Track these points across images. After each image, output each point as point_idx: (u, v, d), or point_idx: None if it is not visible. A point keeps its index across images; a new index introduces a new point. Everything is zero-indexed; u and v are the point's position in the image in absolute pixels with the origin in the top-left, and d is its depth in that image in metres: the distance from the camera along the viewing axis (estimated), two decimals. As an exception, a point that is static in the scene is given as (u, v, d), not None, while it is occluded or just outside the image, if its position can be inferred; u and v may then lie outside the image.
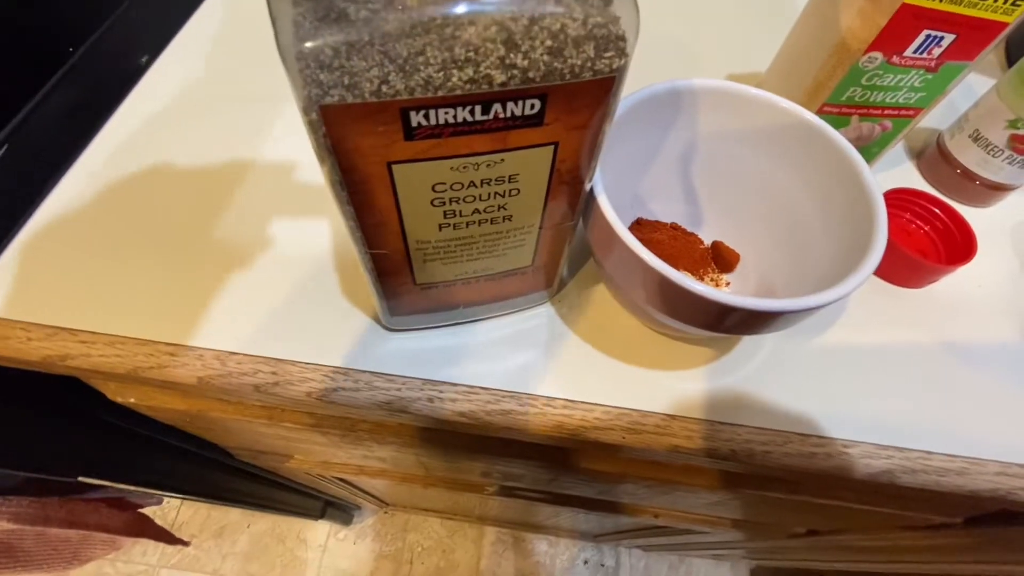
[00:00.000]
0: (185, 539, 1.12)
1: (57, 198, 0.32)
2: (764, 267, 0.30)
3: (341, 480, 0.66)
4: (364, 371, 0.27)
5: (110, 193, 0.32)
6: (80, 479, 0.43)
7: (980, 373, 0.30)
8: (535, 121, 0.17)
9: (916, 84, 0.30)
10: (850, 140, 0.34)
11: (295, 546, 1.19)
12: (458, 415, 0.27)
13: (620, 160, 0.28)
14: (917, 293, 0.33)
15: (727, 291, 0.30)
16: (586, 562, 1.21)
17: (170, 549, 1.13)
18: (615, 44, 0.16)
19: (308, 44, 0.14)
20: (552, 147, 0.18)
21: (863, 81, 0.30)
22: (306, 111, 0.15)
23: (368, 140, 0.16)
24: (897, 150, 0.40)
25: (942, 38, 0.27)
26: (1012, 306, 0.33)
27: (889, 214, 0.35)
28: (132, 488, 0.50)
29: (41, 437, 0.39)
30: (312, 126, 0.15)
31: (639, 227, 0.32)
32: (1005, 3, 0.26)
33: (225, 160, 0.34)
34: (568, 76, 0.16)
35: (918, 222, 0.35)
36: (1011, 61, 0.47)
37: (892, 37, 0.28)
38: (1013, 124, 0.33)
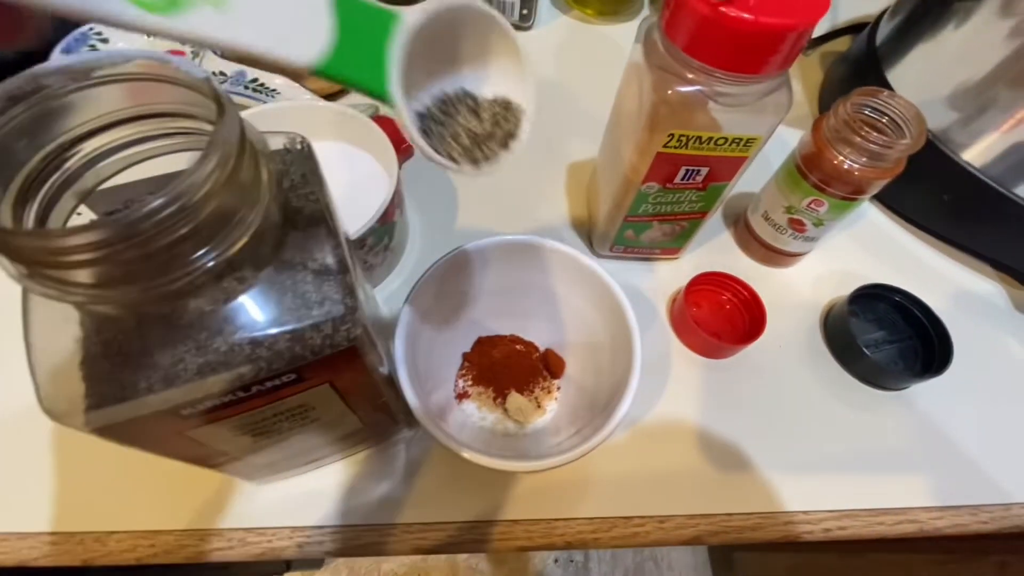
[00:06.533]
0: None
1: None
2: (583, 374, 0.34)
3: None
4: (237, 528, 0.31)
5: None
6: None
7: (774, 434, 0.36)
8: (297, 383, 0.20)
9: (693, 199, 0.35)
10: (657, 237, 0.39)
11: (270, 593, 1.21)
12: (326, 553, 0.31)
13: (450, 298, 0.32)
14: (727, 362, 0.38)
15: (554, 402, 0.34)
16: (556, 561, 1.29)
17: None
18: (350, 317, 0.20)
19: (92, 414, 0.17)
20: (327, 385, 0.22)
21: (650, 200, 0.35)
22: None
23: (151, 429, 0.19)
24: (716, 220, 0.45)
25: (699, 171, 0.32)
26: (804, 362, 0.39)
27: (707, 292, 0.41)
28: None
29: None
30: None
31: (479, 346, 0.36)
32: (738, 146, 0.31)
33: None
34: (311, 356, 0.19)
35: (728, 295, 0.40)
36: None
37: (659, 173, 0.32)
38: (788, 210, 0.38)
